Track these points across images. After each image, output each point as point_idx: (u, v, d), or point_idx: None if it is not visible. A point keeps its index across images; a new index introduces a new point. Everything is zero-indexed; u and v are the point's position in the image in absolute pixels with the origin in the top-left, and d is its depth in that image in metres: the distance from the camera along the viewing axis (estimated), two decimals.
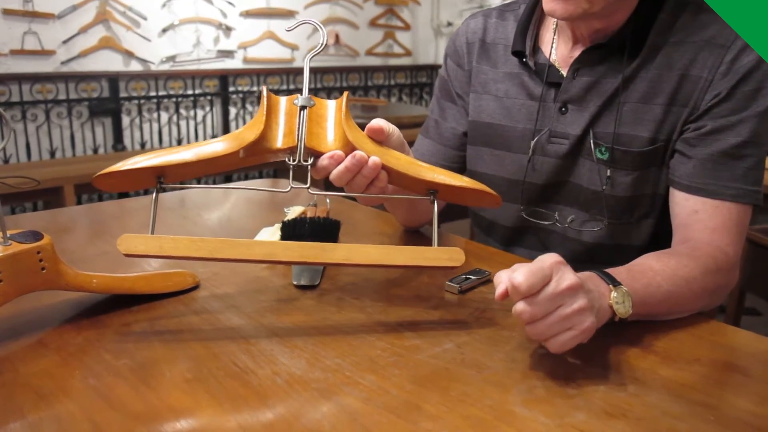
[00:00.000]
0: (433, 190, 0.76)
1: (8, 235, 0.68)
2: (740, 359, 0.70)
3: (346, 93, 0.74)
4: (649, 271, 0.76)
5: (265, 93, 0.72)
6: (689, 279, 0.78)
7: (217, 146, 0.71)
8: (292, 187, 0.72)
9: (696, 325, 0.78)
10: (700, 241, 0.84)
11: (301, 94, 0.72)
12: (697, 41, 0.86)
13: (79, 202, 3.16)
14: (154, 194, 0.71)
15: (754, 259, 1.93)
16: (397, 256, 0.70)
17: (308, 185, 0.72)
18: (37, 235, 0.71)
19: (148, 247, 0.67)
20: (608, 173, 0.92)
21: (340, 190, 0.76)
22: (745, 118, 0.84)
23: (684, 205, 0.87)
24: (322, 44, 0.74)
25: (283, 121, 0.72)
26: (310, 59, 0.74)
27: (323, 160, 0.72)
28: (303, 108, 0.72)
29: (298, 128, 0.71)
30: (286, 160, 0.72)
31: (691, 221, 0.86)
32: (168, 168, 0.70)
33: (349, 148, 0.72)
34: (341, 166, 0.71)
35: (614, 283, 0.69)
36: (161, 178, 0.71)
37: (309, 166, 0.72)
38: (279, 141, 0.72)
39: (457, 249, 0.70)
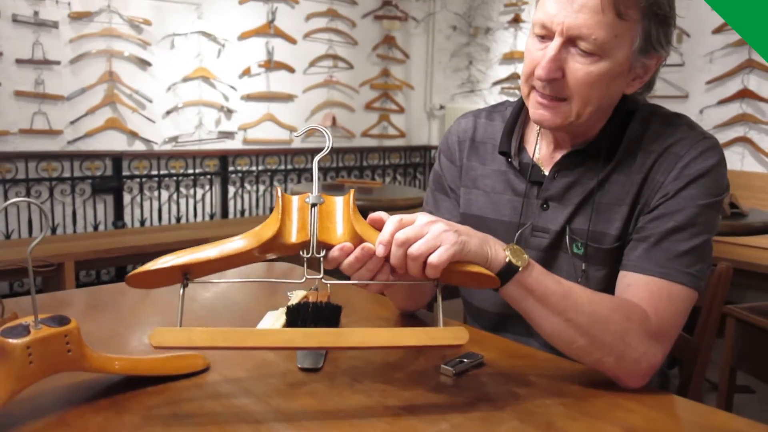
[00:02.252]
0: None
1: (39, 319, 0.74)
2: None
3: (352, 191, 0.82)
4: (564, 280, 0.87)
5: (279, 194, 0.80)
6: (596, 299, 0.86)
7: (238, 243, 0.78)
8: (306, 278, 0.79)
9: (675, 406, 0.84)
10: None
11: (312, 193, 0.80)
12: (659, 149, 0.96)
13: (77, 279, 3.20)
14: (181, 291, 0.77)
15: (743, 337, 1.95)
16: (406, 338, 0.77)
17: (321, 275, 0.79)
18: (63, 320, 0.76)
19: (179, 339, 0.73)
20: (583, 267, 0.99)
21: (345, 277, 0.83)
22: (684, 207, 0.92)
23: (621, 281, 0.94)
24: (328, 147, 0.83)
25: (296, 218, 0.80)
26: (318, 161, 0.82)
27: (334, 252, 0.79)
28: (314, 205, 0.80)
29: (311, 224, 0.79)
30: (300, 253, 0.79)
31: (624, 294, 0.91)
32: (194, 265, 0.77)
33: (357, 240, 0.79)
34: (351, 257, 0.79)
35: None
36: (187, 275, 0.78)
37: (322, 258, 0.79)
38: (293, 236, 0.79)
39: (461, 328, 0.77)
